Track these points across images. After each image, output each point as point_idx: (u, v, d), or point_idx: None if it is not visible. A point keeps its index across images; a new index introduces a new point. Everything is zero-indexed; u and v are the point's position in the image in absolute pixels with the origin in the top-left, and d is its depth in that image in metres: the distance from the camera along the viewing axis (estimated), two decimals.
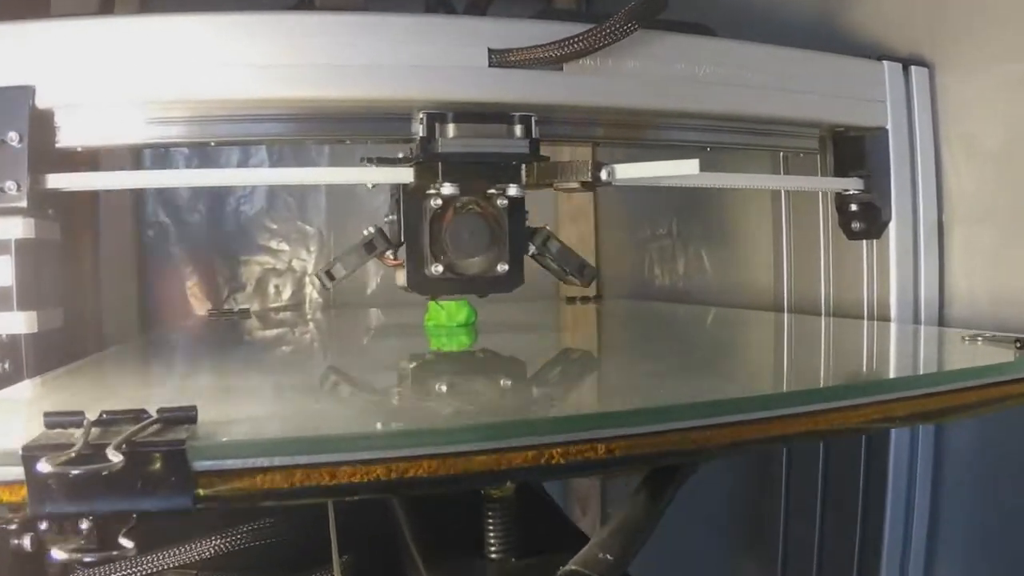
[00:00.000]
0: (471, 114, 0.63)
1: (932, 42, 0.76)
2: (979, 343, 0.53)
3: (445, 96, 0.62)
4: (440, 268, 0.64)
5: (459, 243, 0.64)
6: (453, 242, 0.64)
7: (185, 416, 0.32)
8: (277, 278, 1.08)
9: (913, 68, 0.76)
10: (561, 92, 0.64)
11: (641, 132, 0.75)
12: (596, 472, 0.84)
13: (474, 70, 0.62)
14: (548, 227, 0.70)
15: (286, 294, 1.08)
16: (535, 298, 0.78)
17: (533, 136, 0.65)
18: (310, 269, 1.08)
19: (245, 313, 1.01)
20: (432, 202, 0.64)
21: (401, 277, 0.66)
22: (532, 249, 0.68)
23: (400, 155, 0.65)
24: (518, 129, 0.65)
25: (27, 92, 0.56)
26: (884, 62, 0.76)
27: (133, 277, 1.02)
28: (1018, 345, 0.49)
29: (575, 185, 0.64)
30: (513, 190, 0.64)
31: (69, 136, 0.60)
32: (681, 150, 0.76)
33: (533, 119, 0.65)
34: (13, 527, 0.41)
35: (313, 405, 0.42)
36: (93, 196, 0.99)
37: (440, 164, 0.62)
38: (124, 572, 0.50)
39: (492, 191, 0.65)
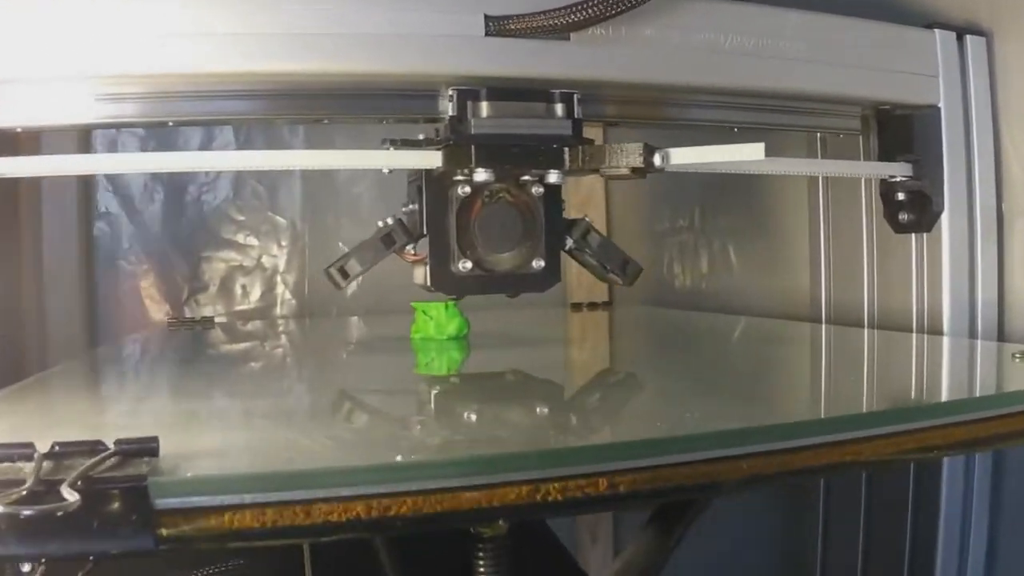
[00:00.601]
0: (507, 91, 0.63)
1: (990, 7, 0.77)
2: None
3: (435, 72, 0.63)
4: (468, 264, 0.64)
5: (490, 236, 0.64)
6: (483, 235, 0.64)
7: (146, 448, 0.33)
8: (244, 277, 1.07)
9: (968, 37, 0.77)
10: (567, 65, 0.64)
11: (659, 110, 0.75)
12: (598, 509, 0.85)
13: (470, 39, 0.62)
14: (588, 218, 0.69)
15: (254, 295, 1.08)
16: (537, 304, 0.78)
17: (576, 116, 0.65)
18: (281, 266, 1.08)
19: (209, 322, 1.01)
20: (460, 190, 0.63)
21: (421, 275, 0.66)
22: (570, 243, 0.68)
23: (421, 136, 0.65)
24: (559, 108, 0.65)
25: None
26: (936, 30, 0.76)
27: (81, 277, 1.02)
28: None
29: (624, 171, 0.64)
30: (554, 176, 0.64)
31: (6, 116, 0.60)
32: (705, 130, 0.77)
33: (576, 97, 0.65)
34: None
35: (286, 434, 0.43)
36: (34, 184, 0.99)
37: (473, 147, 0.62)
38: None
39: (527, 178, 0.64)
